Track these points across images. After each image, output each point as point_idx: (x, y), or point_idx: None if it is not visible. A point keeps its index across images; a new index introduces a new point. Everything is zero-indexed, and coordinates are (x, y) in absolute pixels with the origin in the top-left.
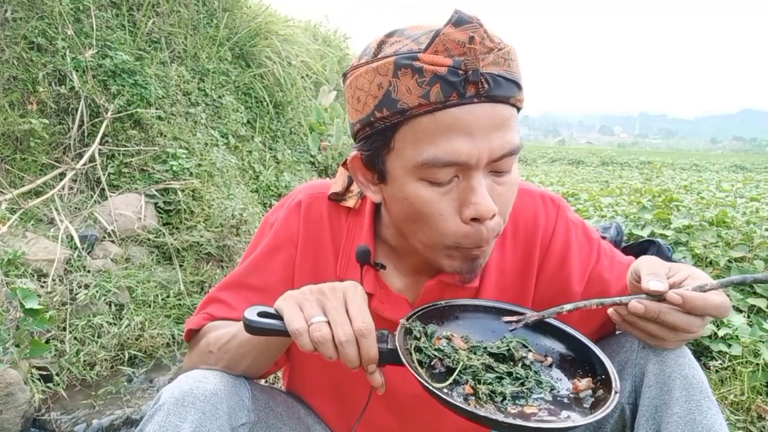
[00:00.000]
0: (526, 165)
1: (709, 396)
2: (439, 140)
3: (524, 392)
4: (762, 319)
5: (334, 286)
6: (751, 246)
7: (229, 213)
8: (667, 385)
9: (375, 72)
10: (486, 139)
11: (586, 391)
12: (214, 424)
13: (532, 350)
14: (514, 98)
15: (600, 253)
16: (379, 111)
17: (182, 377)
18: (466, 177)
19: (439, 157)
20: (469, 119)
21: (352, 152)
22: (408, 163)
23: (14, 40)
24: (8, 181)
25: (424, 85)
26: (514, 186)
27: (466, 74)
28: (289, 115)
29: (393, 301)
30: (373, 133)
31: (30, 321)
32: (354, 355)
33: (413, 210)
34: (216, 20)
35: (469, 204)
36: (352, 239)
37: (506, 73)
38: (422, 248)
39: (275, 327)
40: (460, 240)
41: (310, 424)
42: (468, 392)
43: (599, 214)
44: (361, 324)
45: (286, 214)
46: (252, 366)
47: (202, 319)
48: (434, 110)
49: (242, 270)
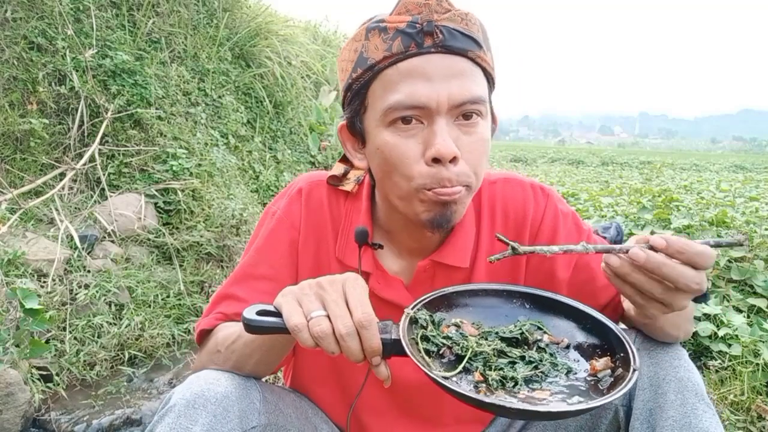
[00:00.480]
0: (526, 165)
1: (704, 398)
2: (401, 87)
3: (538, 376)
4: (762, 319)
5: (332, 279)
6: (751, 246)
7: (229, 213)
8: (662, 387)
9: (352, 41)
10: (445, 84)
11: (605, 371)
12: (225, 427)
13: (548, 332)
14: (473, 53)
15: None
16: (355, 72)
17: (193, 378)
18: (430, 123)
19: (401, 101)
20: (428, 67)
21: (341, 122)
22: (377, 114)
23: (14, 40)
24: (8, 181)
25: (387, 40)
26: (483, 141)
27: (422, 26)
28: (289, 115)
29: (389, 282)
30: (353, 96)
31: (30, 321)
32: (356, 348)
33: (384, 159)
34: (216, 20)
35: (430, 146)
36: (350, 221)
37: (462, 28)
38: (399, 202)
39: (275, 325)
40: (425, 181)
41: (318, 424)
42: (478, 379)
43: (599, 214)
44: (362, 315)
45: (287, 202)
46: (259, 365)
47: (214, 319)
48: (397, 61)
49: (249, 261)
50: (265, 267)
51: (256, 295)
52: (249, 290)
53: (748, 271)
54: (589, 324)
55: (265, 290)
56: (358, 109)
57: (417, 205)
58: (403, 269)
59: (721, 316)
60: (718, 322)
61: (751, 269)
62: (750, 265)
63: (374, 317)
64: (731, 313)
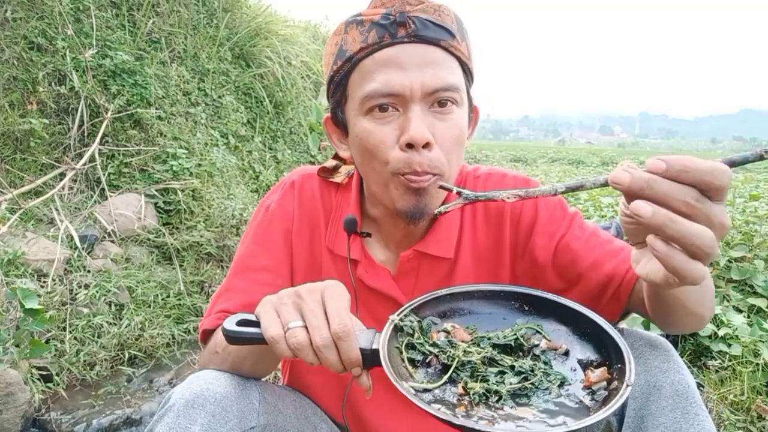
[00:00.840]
0: (526, 165)
1: (695, 401)
2: (377, 75)
3: (527, 388)
4: (762, 319)
5: (311, 288)
6: (751, 246)
7: (229, 213)
8: (653, 394)
9: (334, 35)
10: (418, 72)
11: (600, 383)
12: (223, 427)
13: (546, 337)
14: (446, 42)
15: (572, 224)
16: (335, 65)
17: (193, 378)
18: (405, 110)
19: (377, 89)
20: (401, 56)
21: (325, 114)
22: (356, 103)
23: (14, 40)
24: (8, 181)
25: (364, 32)
26: (458, 129)
27: (395, 18)
28: (289, 115)
29: (377, 271)
30: (334, 89)
31: (30, 321)
32: (335, 360)
33: (362, 145)
34: (216, 20)
35: (405, 131)
36: (340, 212)
37: (435, 19)
38: (379, 190)
39: (254, 336)
40: (399, 166)
41: (317, 423)
42: (461, 393)
43: (599, 214)
44: (338, 326)
45: (281, 195)
46: (255, 367)
47: (215, 318)
48: (372, 51)
49: (246, 253)
50: (263, 258)
51: (256, 286)
52: (249, 282)
53: (748, 271)
54: (590, 329)
55: (264, 281)
56: (339, 101)
57: (393, 192)
58: (389, 259)
59: (721, 316)
60: (718, 322)
61: (751, 269)
62: (750, 265)
63: (351, 328)
64: (731, 313)
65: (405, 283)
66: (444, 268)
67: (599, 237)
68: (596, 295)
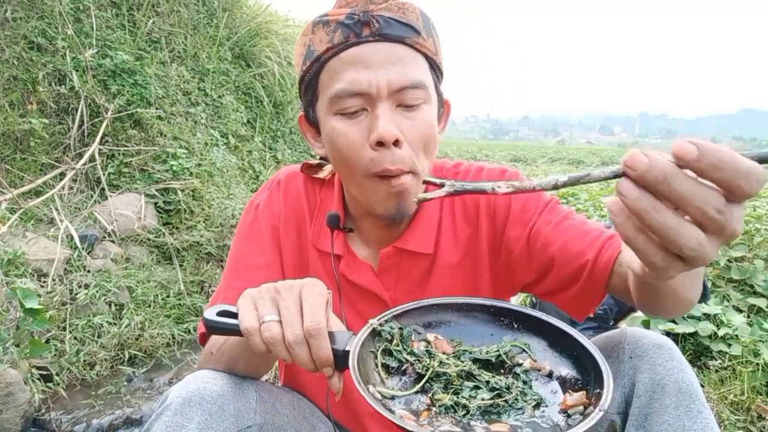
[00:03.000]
0: (526, 165)
1: (699, 399)
2: (343, 75)
3: (499, 406)
4: (762, 319)
5: (290, 284)
6: (751, 246)
7: (229, 213)
8: (657, 392)
9: (302, 36)
10: (383, 71)
11: (577, 408)
12: (220, 426)
13: (532, 356)
14: (411, 39)
15: (545, 210)
16: (304, 65)
17: (190, 377)
18: (373, 108)
19: (344, 89)
20: (367, 55)
21: (299, 113)
22: (325, 102)
23: (14, 40)
24: (8, 181)
25: (330, 32)
26: (427, 126)
27: (359, 17)
28: (289, 115)
29: (359, 267)
30: (305, 89)
31: (30, 321)
32: (306, 357)
33: (333, 145)
34: (216, 20)
35: (373, 130)
36: (324, 208)
37: (399, 17)
38: (357, 192)
39: (230, 326)
40: (370, 166)
41: (314, 423)
42: (427, 403)
43: (599, 214)
44: (310, 323)
45: (268, 194)
46: (248, 367)
47: None
48: (338, 51)
49: (239, 252)
50: (257, 256)
51: (252, 285)
52: (245, 281)
53: (748, 270)
54: (577, 352)
55: (259, 279)
56: (311, 100)
57: (371, 197)
58: (371, 255)
59: (721, 316)
60: (718, 322)
61: (751, 269)
62: (750, 265)
63: (323, 326)
64: (731, 312)
65: (387, 279)
66: (424, 263)
67: (572, 219)
68: (570, 278)
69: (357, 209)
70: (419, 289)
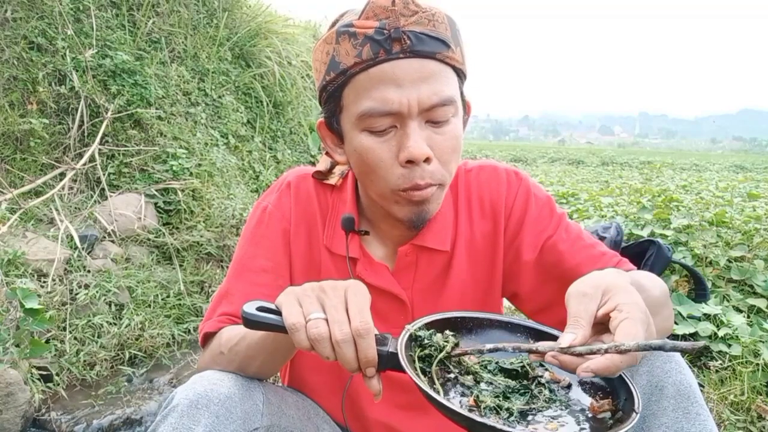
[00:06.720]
0: (526, 165)
1: (697, 401)
2: (373, 93)
3: (533, 410)
4: (762, 319)
5: (335, 284)
6: (750, 245)
7: (229, 213)
8: (655, 394)
9: (324, 43)
10: (414, 89)
11: (605, 413)
12: (227, 428)
13: (549, 369)
14: (441, 54)
15: (560, 226)
16: (328, 75)
17: (196, 378)
18: (403, 126)
19: (374, 108)
20: (397, 72)
21: (319, 118)
22: (352, 117)
23: (14, 40)
24: (8, 181)
25: (357, 46)
26: (455, 139)
27: (390, 33)
28: (289, 115)
29: (375, 268)
30: (328, 97)
31: (30, 321)
32: (351, 356)
33: (361, 160)
34: (216, 20)
35: (404, 148)
36: (336, 212)
37: (430, 31)
38: (378, 199)
39: (273, 322)
40: (400, 183)
41: (319, 424)
42: (471, 404)
43: (599, 214)
44: (359, 323)
45: (278, 196)
46: (262, 367)
47: (217, 321)
48: (367, 67)
49: (245, 254)
50: (262, 259)
51: (256, 288)
52: (249, 284)
53: (748, 271)
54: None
55: (264, 283)
56: (334, 110)
57: (393, 204)
58: (387, 255)
59: (721, 316)
60: (718, 322)
61: (751, 269)
62: (750, 265)
63: (372, 327)
64: (731, 313)
65: (404, 278)
66: (441, 260)
67: (584, 240)
68: None
69: (375, 212)
70: (436, 287)
